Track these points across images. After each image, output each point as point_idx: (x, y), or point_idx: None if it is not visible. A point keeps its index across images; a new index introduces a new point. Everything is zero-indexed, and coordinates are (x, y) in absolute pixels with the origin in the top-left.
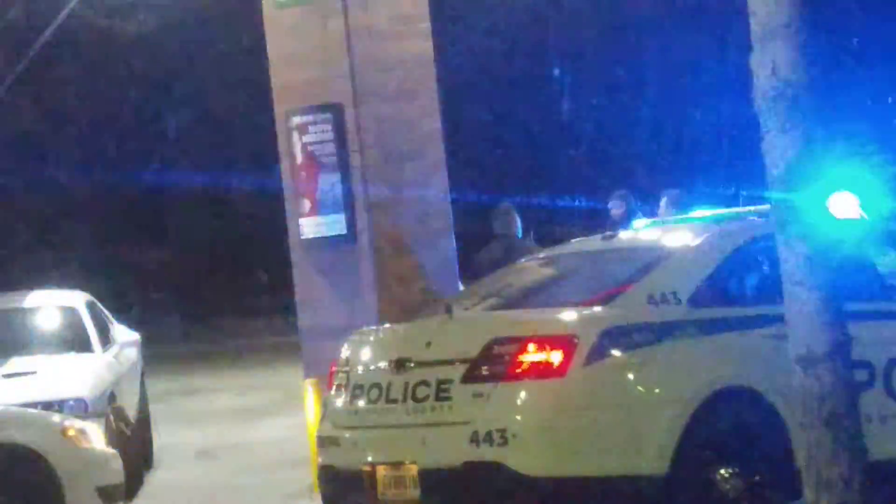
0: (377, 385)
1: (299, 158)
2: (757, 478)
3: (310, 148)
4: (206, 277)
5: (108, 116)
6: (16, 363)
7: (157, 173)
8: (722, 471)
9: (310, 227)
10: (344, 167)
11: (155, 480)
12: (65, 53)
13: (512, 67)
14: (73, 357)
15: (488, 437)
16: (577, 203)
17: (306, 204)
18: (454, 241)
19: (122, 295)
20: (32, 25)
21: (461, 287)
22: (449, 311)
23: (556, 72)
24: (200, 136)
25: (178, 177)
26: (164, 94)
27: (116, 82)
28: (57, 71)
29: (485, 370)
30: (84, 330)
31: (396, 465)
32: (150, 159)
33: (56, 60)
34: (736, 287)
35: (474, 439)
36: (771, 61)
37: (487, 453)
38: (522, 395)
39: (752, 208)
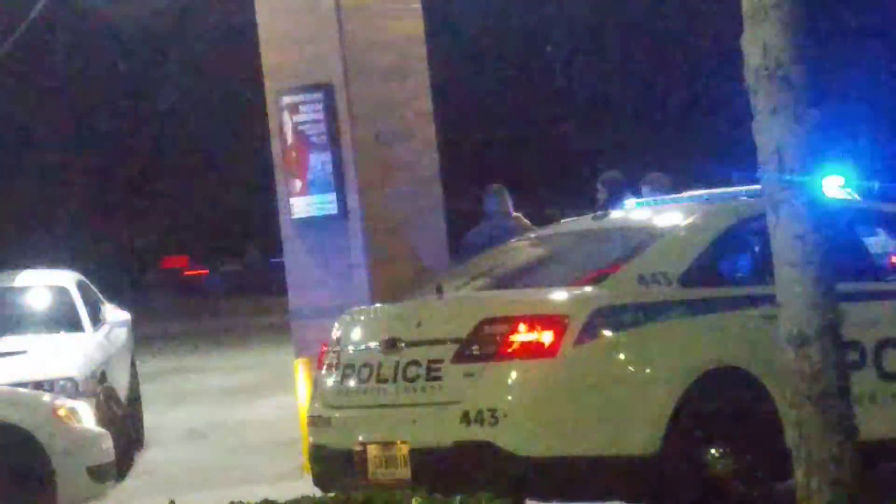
0: (368, 365)
1: (290, 138)
2: (748, 457)
3: (300, 127)
4: (195, 256)
5: (98, 96)
6: (6, 343)
7: (147, 154)
8: (713, 450)
9: (301, 206)
10: (335, 147)
11: (145, 460)
12: (53, 32)
13: (503, 46)
14: (63, 337)
15: (479, 417)
16: (567, 183)
17: (297, 184)
18: (445, 220)
19: (113, 274)
20: (19, 3)
21: (452, 267)
22: (440, 290)
23: (548, 49)
24: (190, 117)
25: (168, 158)
26: (154, 75)
27: (106, 62)
28: (45, 50)
29: (476, 350)
30: (74, 309)
31: (387, 444)
32: (141, 140)
33: (44, 39)
34: (727, 267)
35: (465, 419)
36: (761, 41)
37: (478, 433)
38: (513, 374)
39: (743, 188)
